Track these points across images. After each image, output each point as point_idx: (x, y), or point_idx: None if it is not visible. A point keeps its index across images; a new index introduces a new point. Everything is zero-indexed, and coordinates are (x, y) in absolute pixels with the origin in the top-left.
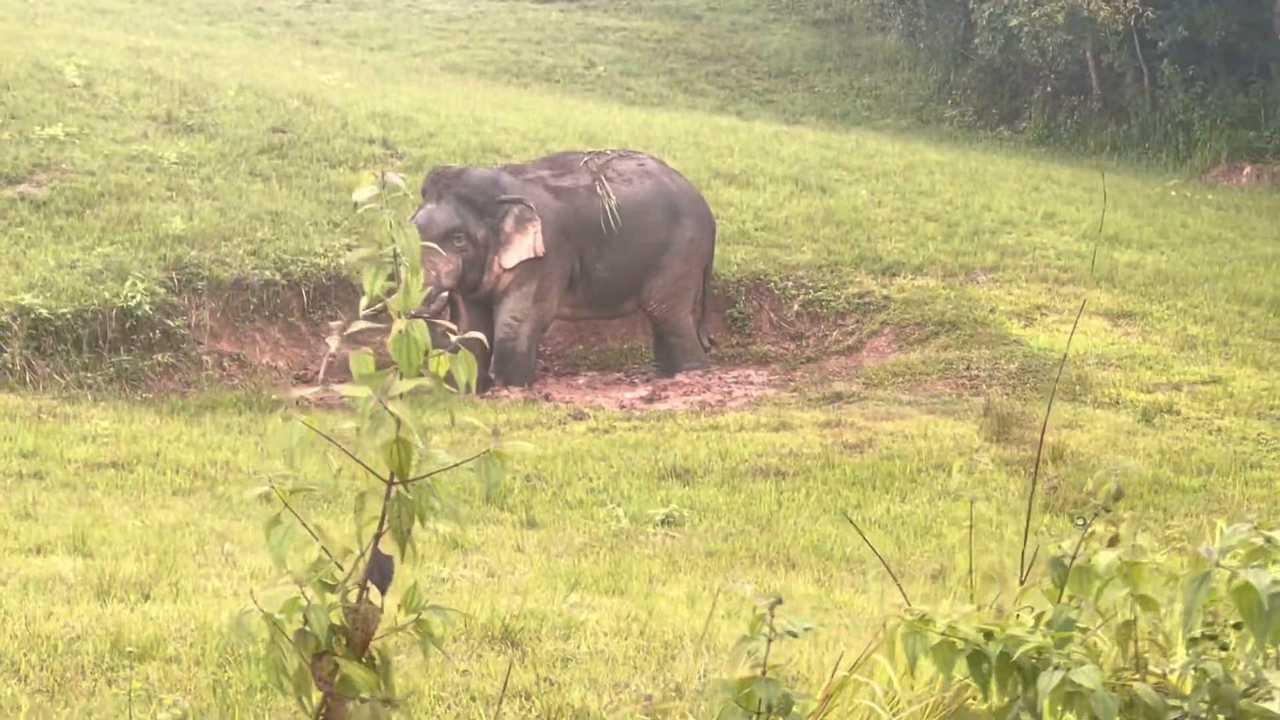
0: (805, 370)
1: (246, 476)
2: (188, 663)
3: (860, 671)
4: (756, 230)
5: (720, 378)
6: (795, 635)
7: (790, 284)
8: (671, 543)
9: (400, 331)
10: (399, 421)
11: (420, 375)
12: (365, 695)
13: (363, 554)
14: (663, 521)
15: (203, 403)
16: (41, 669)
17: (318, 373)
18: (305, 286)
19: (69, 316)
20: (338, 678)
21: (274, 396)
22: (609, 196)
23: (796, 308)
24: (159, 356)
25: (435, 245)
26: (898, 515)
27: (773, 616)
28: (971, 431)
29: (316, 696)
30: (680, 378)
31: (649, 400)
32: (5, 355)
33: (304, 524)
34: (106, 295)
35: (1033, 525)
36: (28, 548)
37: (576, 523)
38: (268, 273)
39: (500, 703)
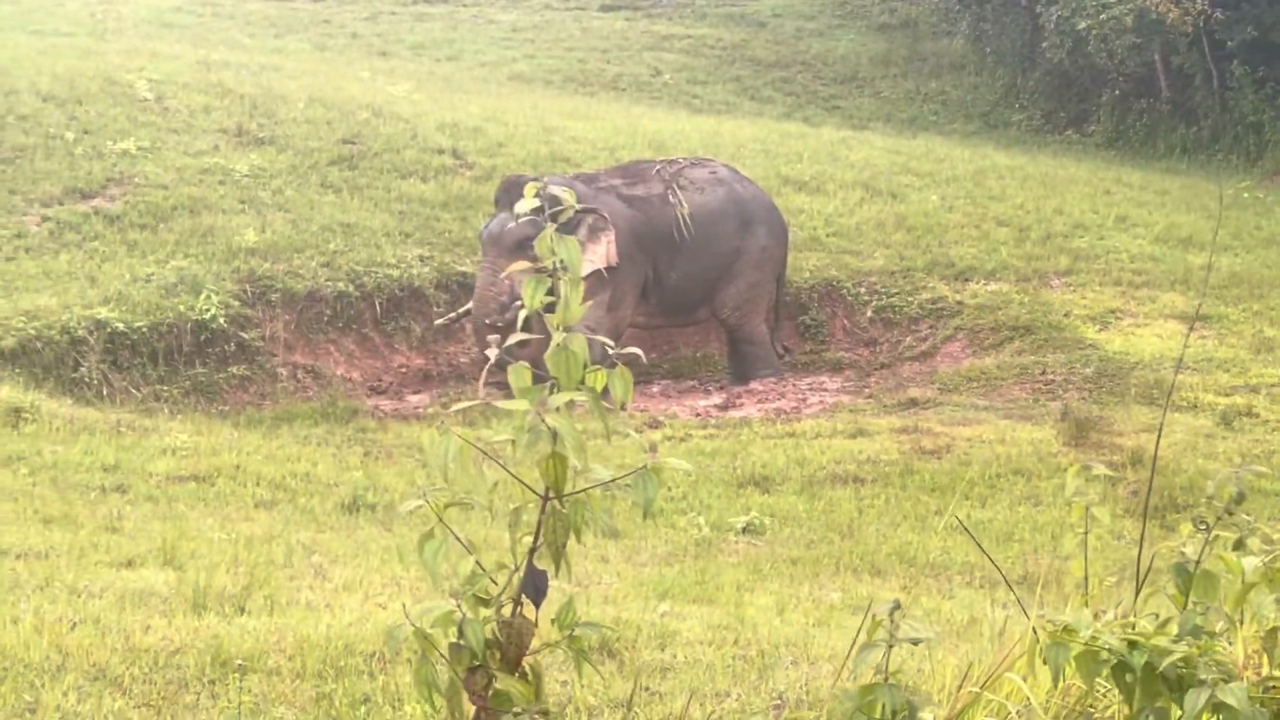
0: (879, 376)
1: (327, 488)
2: (289, 675)
3: (985, 683)
4: (828, 236)
5: (794, 385)
6: (917, 642)
7: (863, 290)
8: (754, 551)
9: (559, 345)
10: (555, 435)
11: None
12: (520, 709)
13: (517, 568)
14: (744, 530)
15: (279, 415)
16: (143, 682)
17: (392, 384)
18: (378, 298)
19: (144, 330)
20: (491, 692)
21: (350, 407)
22: (681, 205)
23: (870, 314)
24: (234, 369)
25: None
26: (978, 521)
27: (894, 623)
28: (1049, 436)
29: (469, 710)
30: (754, 385)
31: (724, 408)
32: (82, 369)
33: (458, 538)
34: (181, 308)
35: (1117, 530)
36: (118, 561)
37: (659, 531)
38: (341, 284)
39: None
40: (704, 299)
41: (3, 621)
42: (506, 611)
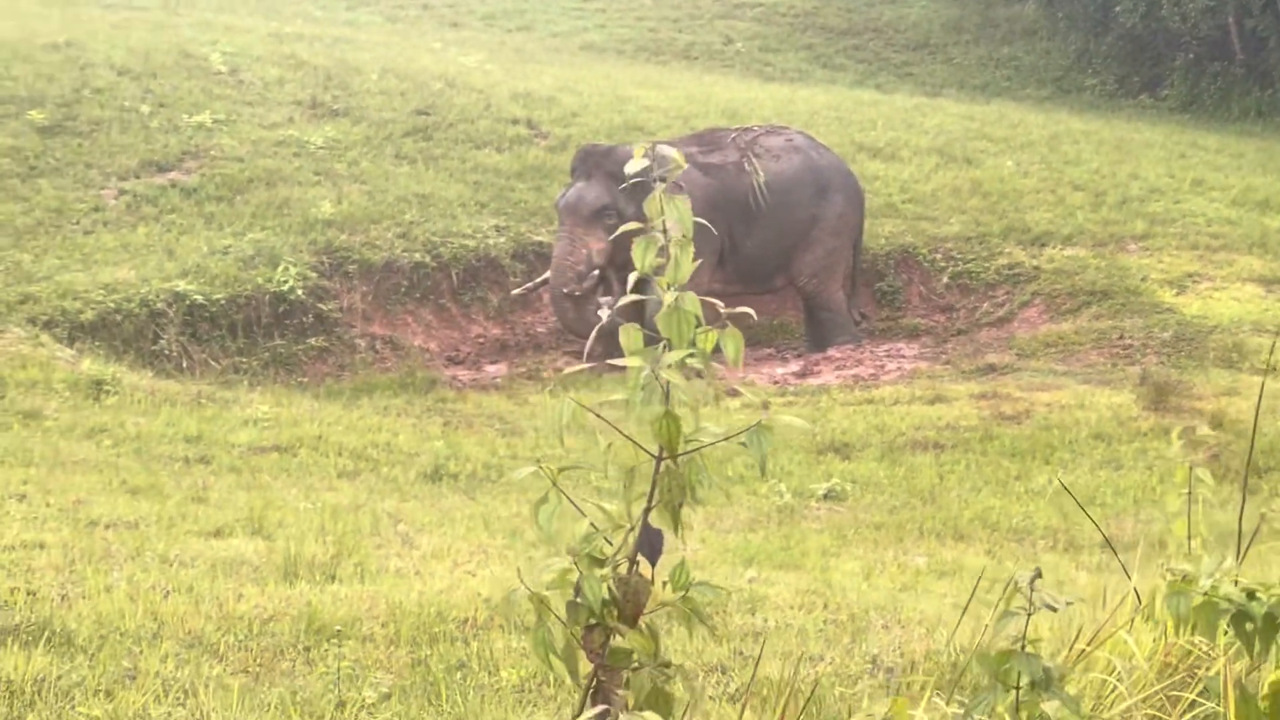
0: (956, 342)
1: (409, 458)
2: (383, 642)
3: (1093, 641)
4: (903, 203)
5: (872, 351)
6: (1055, 609)
7: (939, 256)
8: (836, 517)
9: (671, 305)
10: (667, 394)
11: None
12: (638, 663)
13: (632, 528)
14: (825, 496)
15: (358, 385)
16: (239, 649)
17: (469, 354)
18: (455, 268)
19: (223, 302)
20: (608, 649)
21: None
22: (757, 173)
23: (946, 280)
24: (312, 340)
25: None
26: (1060, 486)
27: (1033, 590)
28: (1128, 401)
29: (586, 668)
30: (832, 352)
31: (801, 375)
32: (162, 341)
33: (571, 501)
34: (259, 280)
35: (1197, 492)
36: (207, 530)
37: (739, 498)
38: (417, 255)
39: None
40: (781, 267)
41: (97, 590)
42: (623, 570)
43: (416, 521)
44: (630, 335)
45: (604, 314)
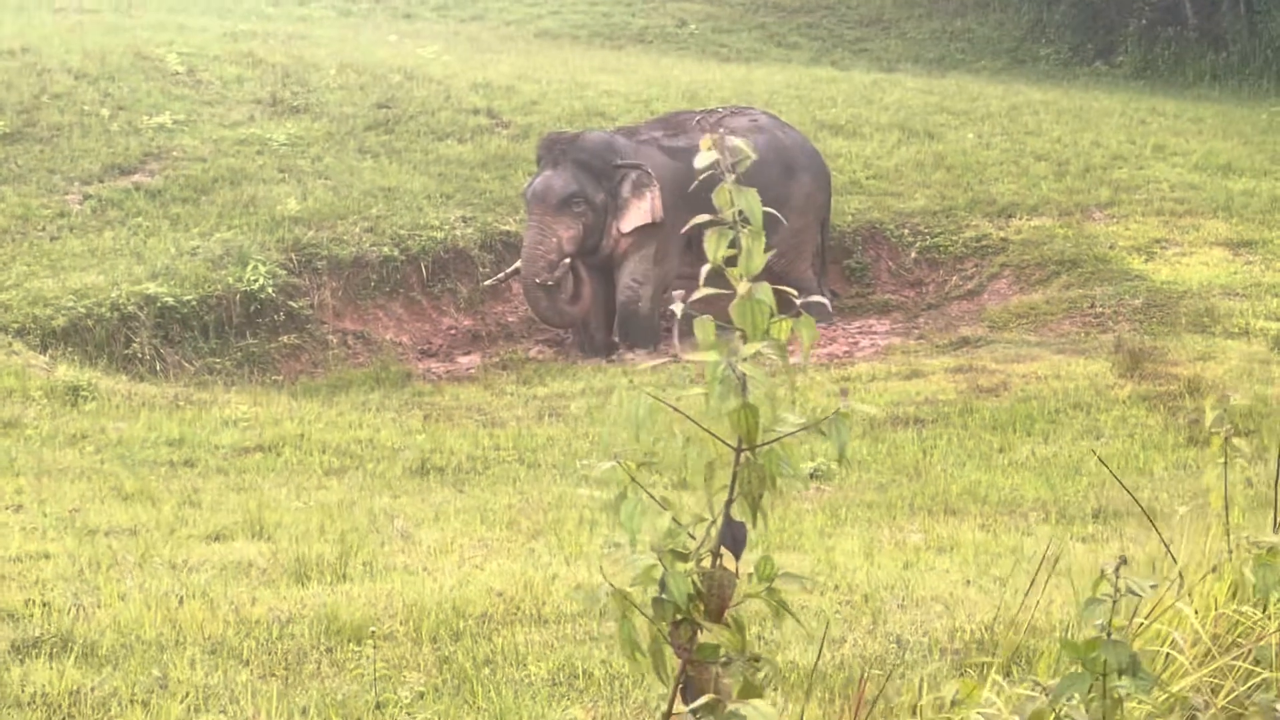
0: (928, 317)
1: (393, 453)
2: (405, 640)
3: (1152, 615)
4: (868, 179)
5: (844, 329)
6: (1140, 595)
7: (906, 231)
8: (826, 496)
9: (745, 295)
10: (745, 385)
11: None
12: (726, 658)
13: (714, 521)
14: (812, 475)
15: (333, 382)
16: (262, 653)
17: (442, 346)
18: (424, 261)
19: (194, 303)
20: (696, 644)
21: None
22: (723, 155)
23: (914, 255)
24: (285, 338)
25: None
26: (1044, 457)
27: (1118, 577)
28: (1105, 369)
29: (674, 664)
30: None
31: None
32: (135, 344)
33: (651, 496)
34: (229, 280)
35: (1178, 459)
36: (207, 534)
37: (722, 479)
38: (385, 249)
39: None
40: None
41: (112, 599)
42: (706, 564)
43: (412, 517)
44: (705, 328)
45: (676, 308)
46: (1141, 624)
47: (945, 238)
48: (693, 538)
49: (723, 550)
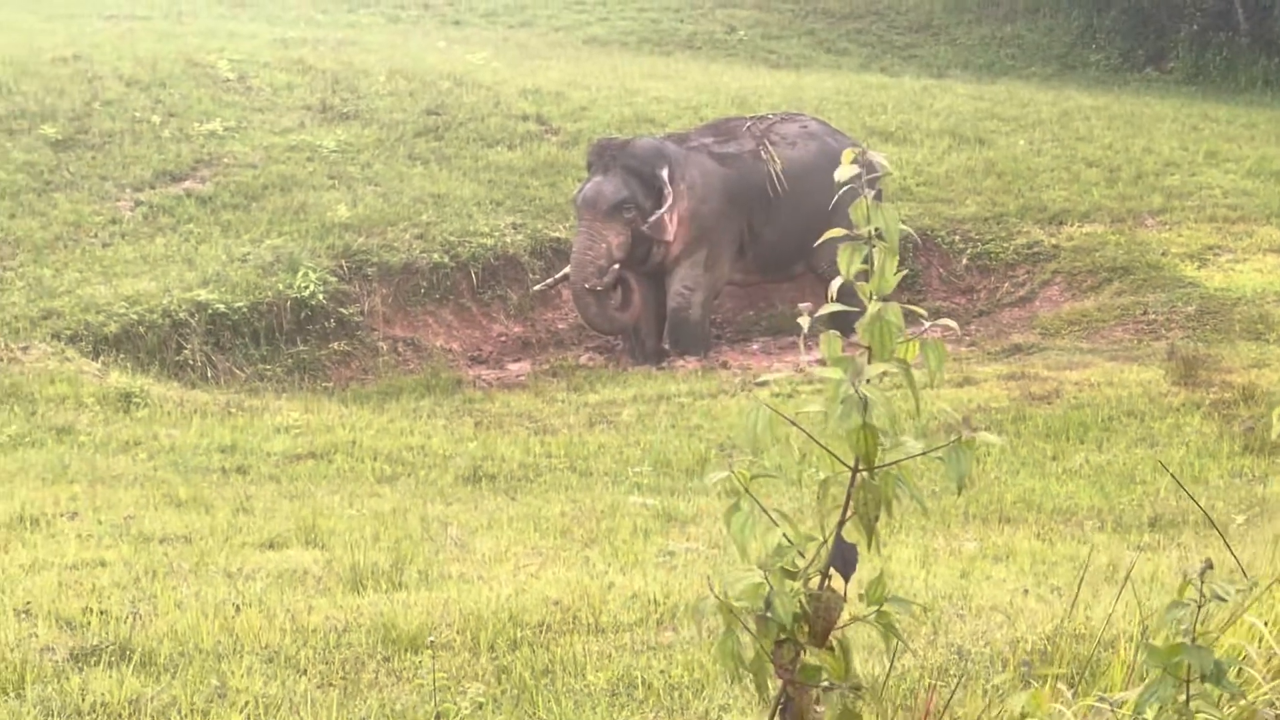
0: (979, 324)
1: (444, 460)
2: (463, 650)
3: (1225, 627)
4: (918, 186)
5: None
6: (1225, 600)
7: (957, 238)
8: (888, 518)
9: (875, 314)
10: (866, 406)
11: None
12: (829, 683)
13: (825, 541)
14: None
15: (383, 389)
16: (320, 662)
17: (492, 353)
18: (474, 267)
19: (245, 310)
20: (799, 665)
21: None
22: (773, 160)
23: (965, 261)
24: (335, 345)
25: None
26: (1098, 465)
27: (1203, 582)
28: (1158, 376)
29: (775, 684)
30: (855, 339)
31: (826, 363)
32: (186, 351)
33: (764, 510)
34: (280, 287)
35: (1234, 467)
36: (261, 542)
37: (781, 488)
38: (435, 256)
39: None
40: (800, 254)
41: (168, 607)
42: (814, 584)
43: (466, 525)
44: (831, 344)
45: (804, 321)
46: (1213, 635)
47: (996, 244)
48: (802, 555)
49: (831, 571)
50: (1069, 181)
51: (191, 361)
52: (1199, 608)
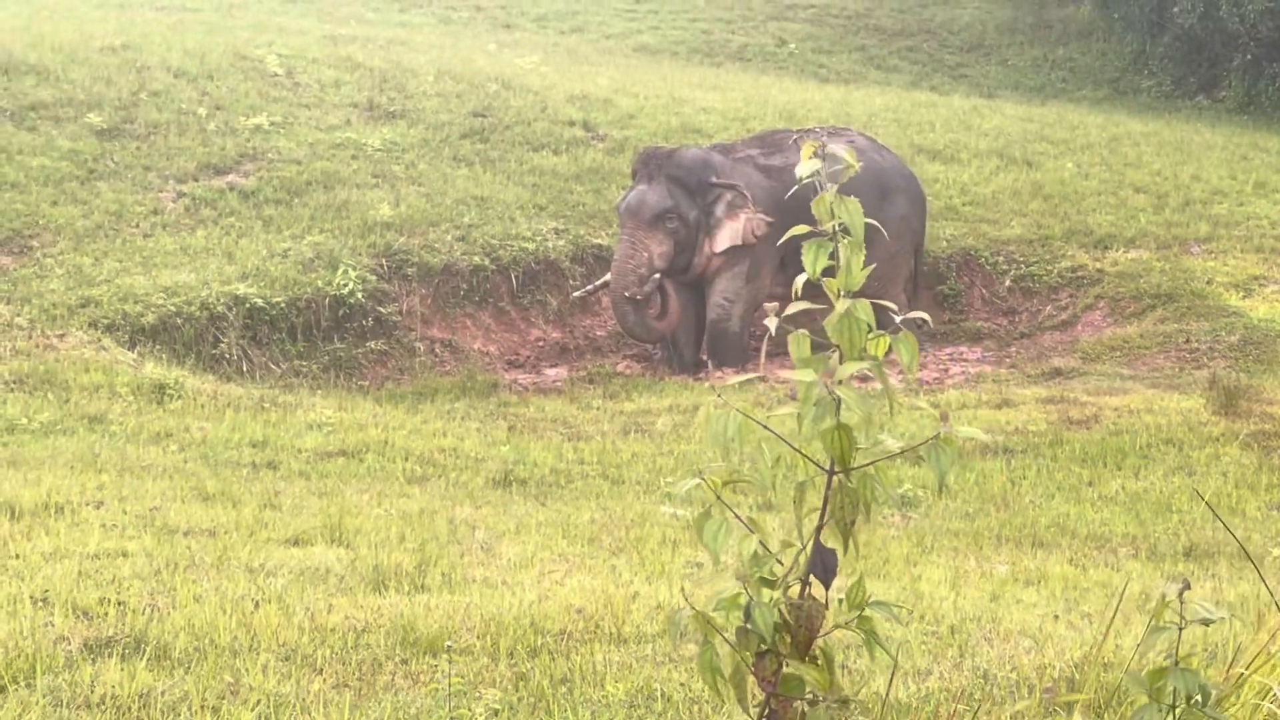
0: (1020, 346)
1: (476, 463)
2: (482, 655)
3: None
4: (964, 206)
5: (934, 355)
6: (1209, 623)
7: (1001, 259)
8: (912, 523)
9: (844, 312)
10: (839, 406)
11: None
12: (814, 694)
13: (803, 548)
14: (900, 501)
15: (418, 389)
16: (337, 663)
17: (529, 357)
18: (514, 271)
19: (283, 305)
20: (780, 677)
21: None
22: (819, 175)
23: (1008, 283)
24: (372, 344)
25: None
26: (1134, 492)
27: (1183, 603)
28: (1199, 405)
29: (758, 697)
30: (894, 356)
31: (864, 379)
32: (222, 344)
33: (739, 518)
34: (319, 283)
35: (1272, 499)
36: (286, 539)
37: (812, 503)
38: (476, 258)
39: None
40: None
41: (187, 600)
42: (794, 593)
43: (494, 529)
44: (800, 344)
45: (770, 322)
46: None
47: (1040, 267)
48: (780, 563)
49: (811, 579)
50: (1115, 206)
51: (228, 355)
52: (1180, 631)
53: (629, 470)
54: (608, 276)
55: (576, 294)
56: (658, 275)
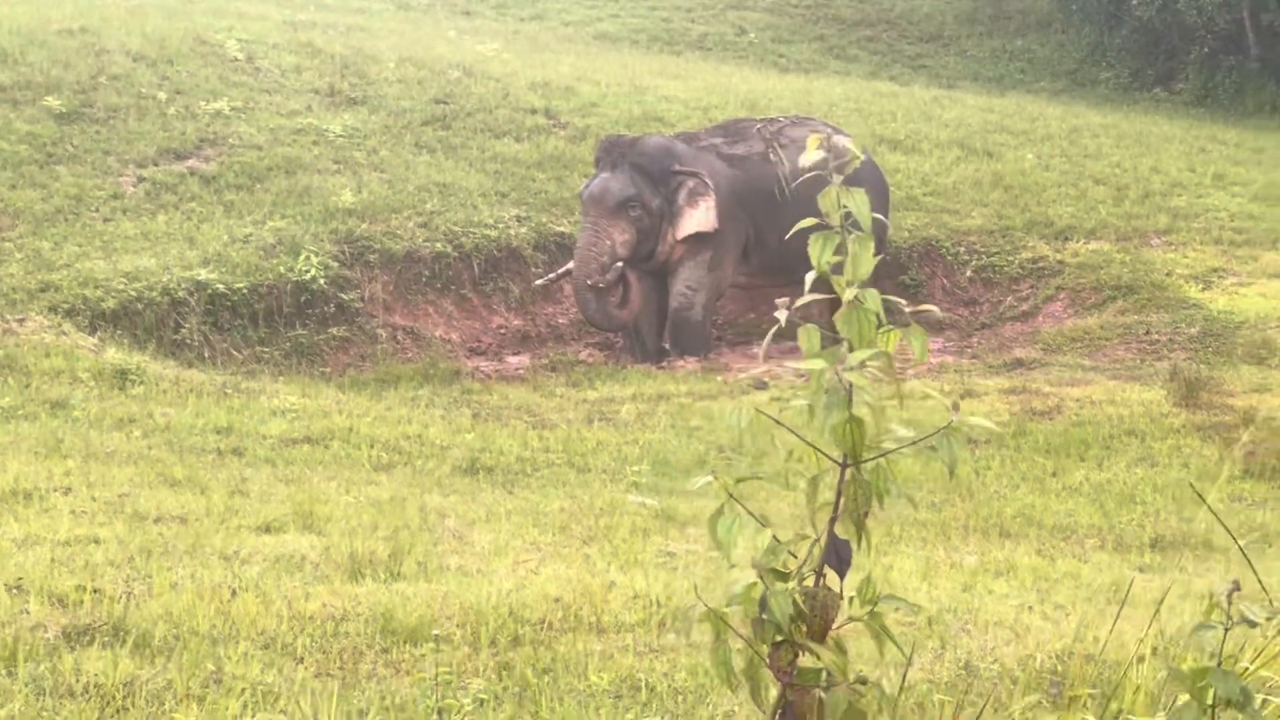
0: (981, 336)
1: (442, 451)
2: (463, 644)
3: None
4: (925, 196)
5: (898, 345)
6: (1254, 624)
7: (962, 249)
8: (879, 513)
9: (852, 303)
10: (850, 397)
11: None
12: (829, 681)
13: (817, 539)
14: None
15: (381, 376)
16: (317, 651)
17: (491, 345)
18: (476, 258)
19: (245, 291)
20: (796, 667)
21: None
22: (782, 164)
23: (969, 273)
24: (334, 330)
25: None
26: (1098, 483)
27: (1231, 604)
28: (1160, 397)
29: (774, 688)
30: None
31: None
32: (184, 330)
33: (750, 513)
34: (281, 269)
35: (1234, 491)
36: (257, 525)
37: (780, 494)
38: (439, 245)
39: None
40: (805, 259)
41: (163, 587)
42: (809, 584)
43: (464, 517)
44: (810, 336)
45: (781, 315)
46: (1246, 669)
47: (1001, 258)
48: (793, 556)
49: (825, 569)
50: (1076, 198)
51: (189, 341)
52: (1225, 630)
53: (595, 459)
54: (570, 264)
55: (539, 282)
56: (620, 263)
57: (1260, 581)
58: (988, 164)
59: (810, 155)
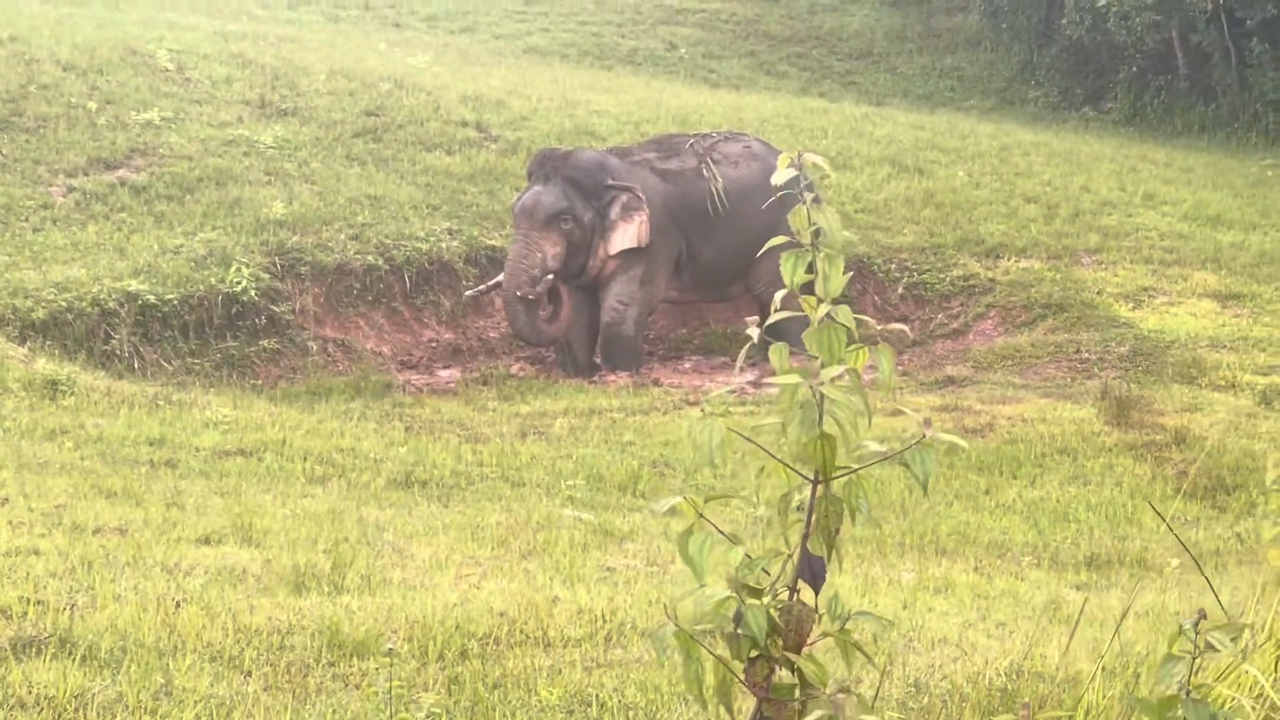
0: (912, 354)
1: (375, 464)
2: (410, 658)
3: (1222, 677)
4: (856, 213)
5: None
6: (1218, 650)
7: (893, 267)
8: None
9: (823, 320)
10: (820, 414)
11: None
12: (808, 693)
13: (790, 555)
14: (798, 508)
15: (313, 389)
16: (264, 664)
17: (422, 358)
18: (407, 271)
19: (175, 302)
20: (772, 681)
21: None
22: (715, 179)
23: (900, 291)
24: (265, 342)
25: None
26: (1031, 501)
27: (1197, 634)
28: (1091, 415)
29: (748, 703)
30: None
31: (757, 385)
32: (114, 341)
33: (720, 531)
34: (211, 281)
35: (1166, 510)
36: (196, 538)
37: (715, 510)
38: (370, 257)
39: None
40: (738, 274)
41: (108, 599)
42: (783, 599)
43: (402, 530)
44: (780, 353)
45: (752, 332)
46: (1207, 685)
47: (932, 275)
48: (766, 573)
49: (799, 585)
50: (1007, 216)
51: (119, 351)
52: (1194, 660)
53: (529, 473)
54: (501, 276)
55: (469, 293)
56: (551, 276)
57: (1219, 602)
58: (919, 181)
59: (782, 173)
